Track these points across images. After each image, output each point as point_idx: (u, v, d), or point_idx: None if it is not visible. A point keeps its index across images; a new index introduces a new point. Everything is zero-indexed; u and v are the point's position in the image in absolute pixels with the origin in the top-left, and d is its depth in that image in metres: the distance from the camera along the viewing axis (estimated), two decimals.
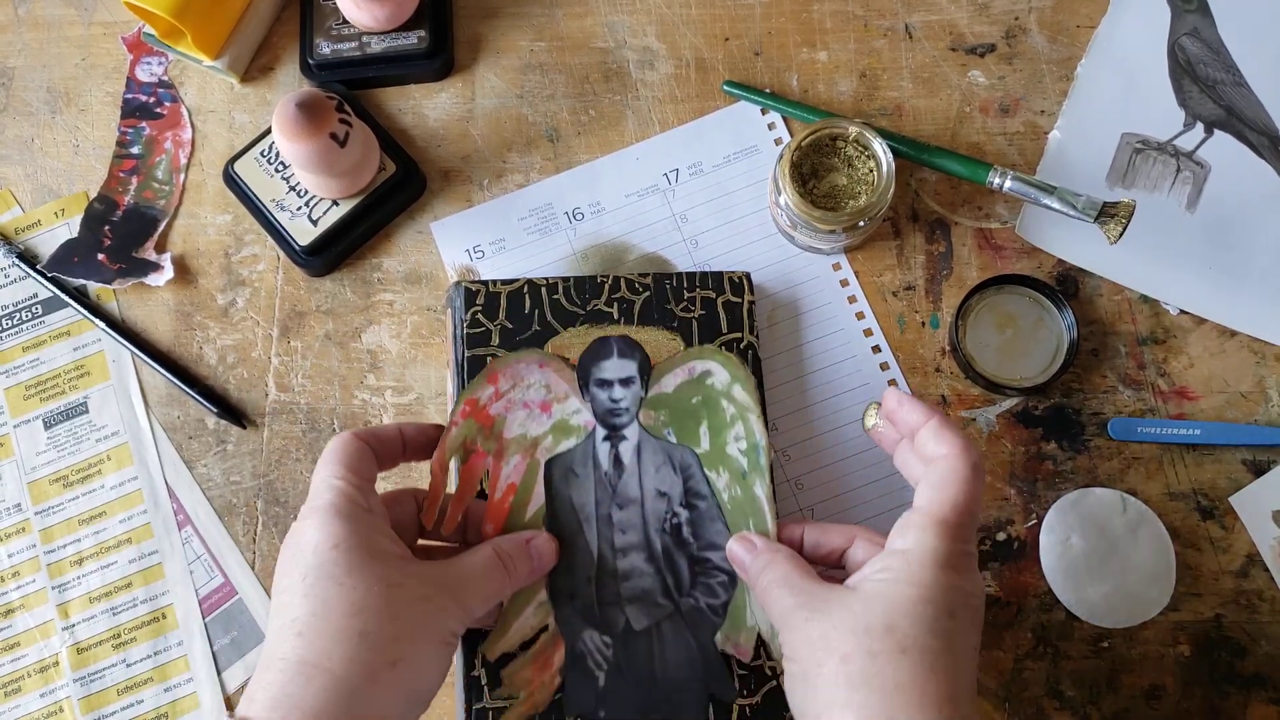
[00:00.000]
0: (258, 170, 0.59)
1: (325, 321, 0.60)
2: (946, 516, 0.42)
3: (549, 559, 0.49)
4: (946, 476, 0.43)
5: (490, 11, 0.64)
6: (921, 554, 0.42)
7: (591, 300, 0.56)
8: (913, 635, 0.40)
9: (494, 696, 0.48)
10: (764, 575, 0.46)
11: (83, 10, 0.65)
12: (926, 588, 0.41)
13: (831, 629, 0.41)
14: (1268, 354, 0.58)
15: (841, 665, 0.40)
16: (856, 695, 0.39)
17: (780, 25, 0.63)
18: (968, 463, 0.43)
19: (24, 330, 0.61)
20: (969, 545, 0.43)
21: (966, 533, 0.43)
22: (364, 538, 0.42)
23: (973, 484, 0.43)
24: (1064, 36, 0.62)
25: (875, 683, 0.39)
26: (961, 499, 0.43)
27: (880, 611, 0.41)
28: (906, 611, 0.40)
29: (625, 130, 0.62)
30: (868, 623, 0.40)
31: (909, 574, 0.41)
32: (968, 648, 0.41)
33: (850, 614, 0.41)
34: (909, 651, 0.40)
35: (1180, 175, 0.60)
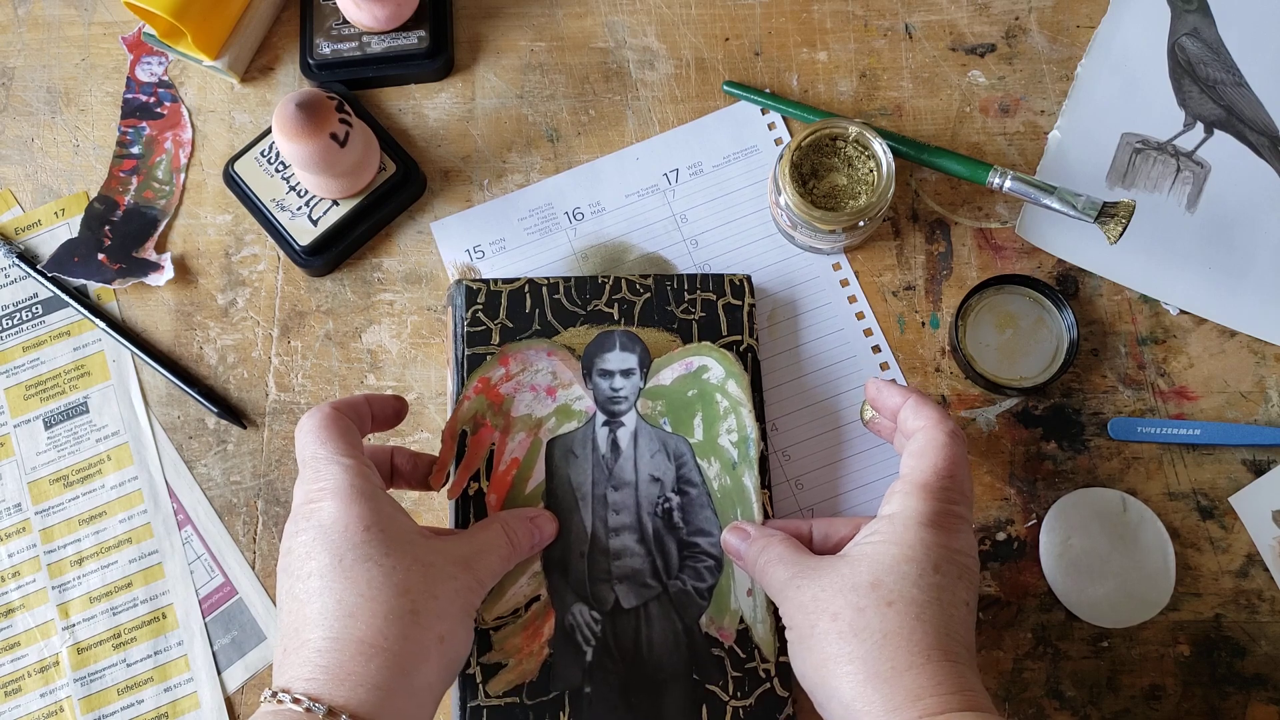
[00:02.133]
0: (258, 170, 0.59)
1: (325, 321, 0.60)
2: (927, 480, 0.45)
3: (550, 535, 0.51)
4: (924, 445, 0.46)
5: (490, 11, 0.64)
6: (905, 516, 0.44)
7: (592, 300, 0.56)
8: (898, 589, 0.42)
9: (482, 661, 0.49)
10: (761, 557, 0.48)
11: (83, 10, 0.65)
12: (910, 546, 0.43)
13: (821, 590, 0.44)
14: (1268, 354, 0.58)
15: (832, 622, 0.42)
16: (847, 647, 0.42)
17: (780, 25, 0.63)
18: (943, 430, 0.46)
19: (24, 330, 0.61)
20: (954, 506, 0.45)
21: (949, 494, 0.45)
22: (389, 517, 0.43)
23: (950, 448, 0.46)
24: (1064, 36, 0.62)
25: (864, 634, 0.42)
26: (941, 463, 0.45)
27: (866, 570, 0.43)
28: (891, 569, 0.43)
29: (625, 130, 0.62)
30: (854, 581, 0.43)
31: (893, 534, 0.44)
32: (957, 601, 0.43)
33: (838, 575, 0.44)
34: (894, 604, 0.42)
35: (1180, 175, 0.60)
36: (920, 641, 0.41)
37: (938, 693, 0.40)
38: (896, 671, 0.41)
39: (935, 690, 0.40)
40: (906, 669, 0.41)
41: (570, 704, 0.49)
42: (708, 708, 0.50)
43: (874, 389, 0.51)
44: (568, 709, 0.49)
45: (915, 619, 0.42)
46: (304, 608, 0.41)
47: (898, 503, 0.45)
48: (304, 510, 0.43)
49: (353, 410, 0.47)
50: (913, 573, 0.43)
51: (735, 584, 0.51)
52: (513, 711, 0.50)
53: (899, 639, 0.41)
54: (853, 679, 0.41)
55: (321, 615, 0.40)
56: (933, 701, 0.40)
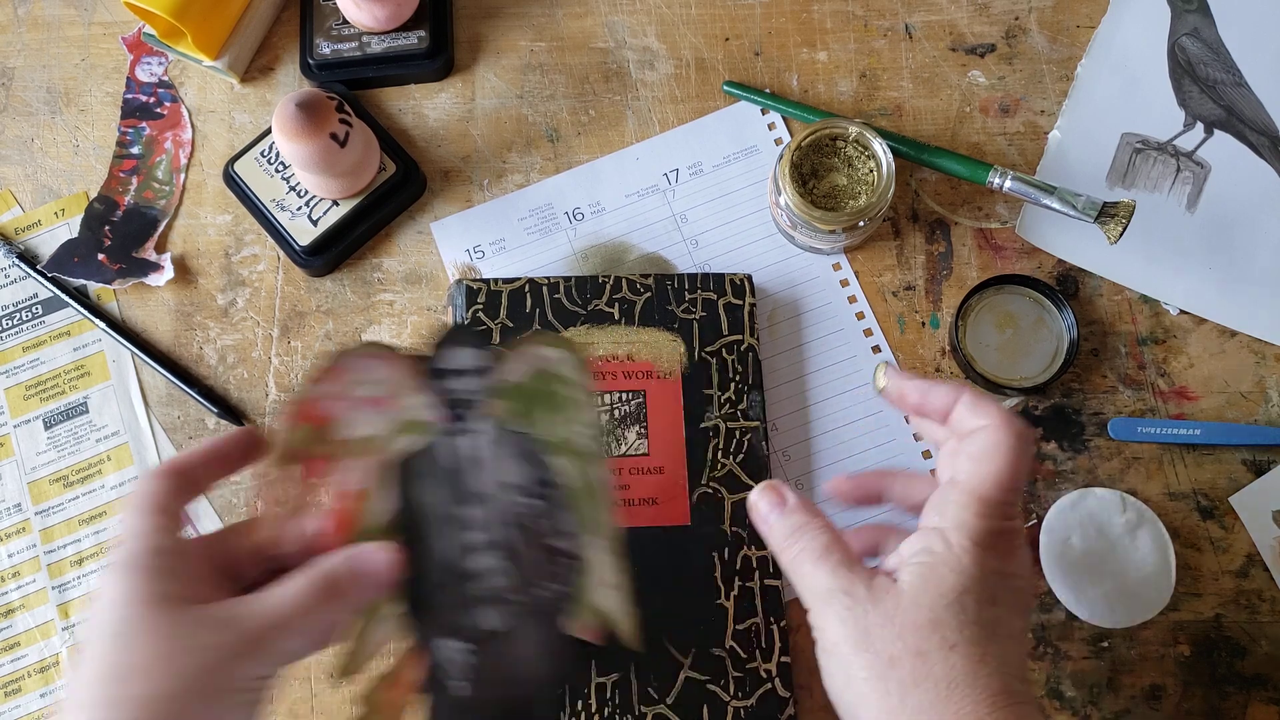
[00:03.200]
0: (258, 170, 0.59)
1: (325, 321, 0.60)
2: (988, 493, 0.39)
3: (386, 572, 0.43)
4: (988, 449, 0.40)
5: (490, 11, 0.64)
6: (960, 535, 0.39)
7: (593, 300, 0.56)
8: (958, 628, 0.38)
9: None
10: (796, 543, 0.42)
11: (83, 10, 0.65)
12: (968, 575, 0.39)
13: (875, 626, 0.39)
14: (1268, 354, 0.58)
15: (890, 669, 0.38)
16: (910, 699, 0.38)
17: (780, 25, 0.63)
18: (1011, 432, 0.40)
19: (24, 330, 0.61)
20: (1013, 522, 0.40)
21: (1010, 510, 0.40)
22: (153, 589, 0.38)
23: (1017, 453, 0.40)
24: (1064, 36, 0.62)
25: (927, 684, 0.38)
26: (1005, 473, 0.39)
27: (926, 606, 0.39)
28: (951, 604, 0.38)
29: (625, 130, 0.62)
30: (914, 620, 0.38)
31: (949, 558, 0.39)
32: (1015, 632, 0.39)
33: (895, 609, 0.39)
34: (957, 647, 0.38)
35: (1180, 175, 0.60)
36: (985, 688, 0.37)
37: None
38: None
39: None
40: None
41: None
42: (708, 708, 0.50)
43: (914, 392, 0.44)
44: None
45: (979, 662, 0.38)
46: (76, 671, 0.39)
47: (952, 515, 0.39)
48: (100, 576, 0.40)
49: (183, 465, 0.42)
50: (972, 607, 0.38)
51: (595, 579, 0.47)
52: None
53: (965, 688, 0.37)
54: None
55: (66, 704, 0.38)
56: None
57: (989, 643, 0.38)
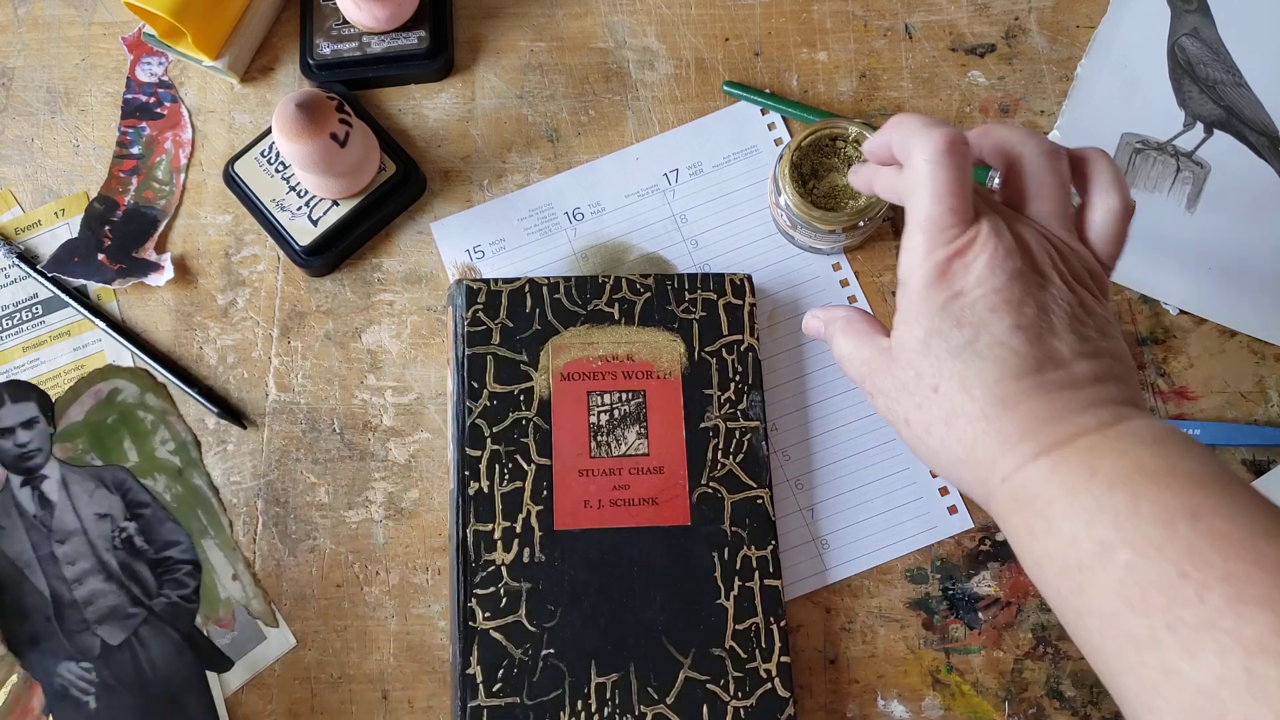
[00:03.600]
0: (258, 170, 0.59)
1: (325, 321, 0.60)
2: (919, 220, 0.40)
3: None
4: (913, 176, 0.40)
5: (490, 11, 0.64)
6: (913, 280, 0.40)
7: (593, 300, 0.56)
8: (935, 372, 0.39)
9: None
10: (832, 331, 0.46)
11: (83, 10, 0.65)
12: (922, 324, 0.40)
13: (884, 389, 0.42)
14: (1268, 354, 0.58)
15: (906, 428, 0.41)
16: (926, 446, 0.40)
17: (780, 25, 0.63)
18: (931, 148, 0.39)
19: (24, 330, 0.61)
20: (963, 236, 0.39)
21: (952, 231, 0.39)
22: None
23: (944, 168, 0.39)
24: (1064, 36, 0.62)
25: (937, 428, 0.40)
26: (926, 193, 0.39)
27: (906, 363, 0.40)
28: (919, 352, 0.40)
29: (625, 130, 0.62)
30: (902, 378, 0.41)
31: (908, 309, 0.40)
32: (999, 334, 0.38)
33: (891, 369, 0.41)
34: (940, 388, 0.39)
35: (1180, 175, 0.60)
36: (984, 398, 0.38)
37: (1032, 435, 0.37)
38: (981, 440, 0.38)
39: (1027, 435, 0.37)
40: (985, 432, 0.38)
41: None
42: (708, 708, 0.50)
43: (874, 158, 0.45)
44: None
45: (964, 388, 0.38)
46: None
47: (904, 261, 0.40)
48: None
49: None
50: (938, 346, 0.39)
51: (218, 576, 0.53)
52: (513, 711, 0.50)
53: (963, 419, 0.38)
54: (954, 454, 0.39)
55: None
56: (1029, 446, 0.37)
57: (972, 363, 0.38)
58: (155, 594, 0.52)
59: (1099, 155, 0.43)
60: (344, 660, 0.55)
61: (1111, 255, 0.43)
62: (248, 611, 0.55)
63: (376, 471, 0.58)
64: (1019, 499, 0.37)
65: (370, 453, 0.58)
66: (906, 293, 0.40)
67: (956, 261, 0.39)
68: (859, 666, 0.55)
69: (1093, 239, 0.42)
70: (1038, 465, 0.37)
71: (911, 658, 0.55)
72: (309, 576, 0.56)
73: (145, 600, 0.52)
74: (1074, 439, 0.36)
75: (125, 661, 0.51)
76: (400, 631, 0.55)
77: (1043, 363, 0.38)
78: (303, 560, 0.57)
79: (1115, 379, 0.38)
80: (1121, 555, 0.33)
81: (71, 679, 0.50)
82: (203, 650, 0.54)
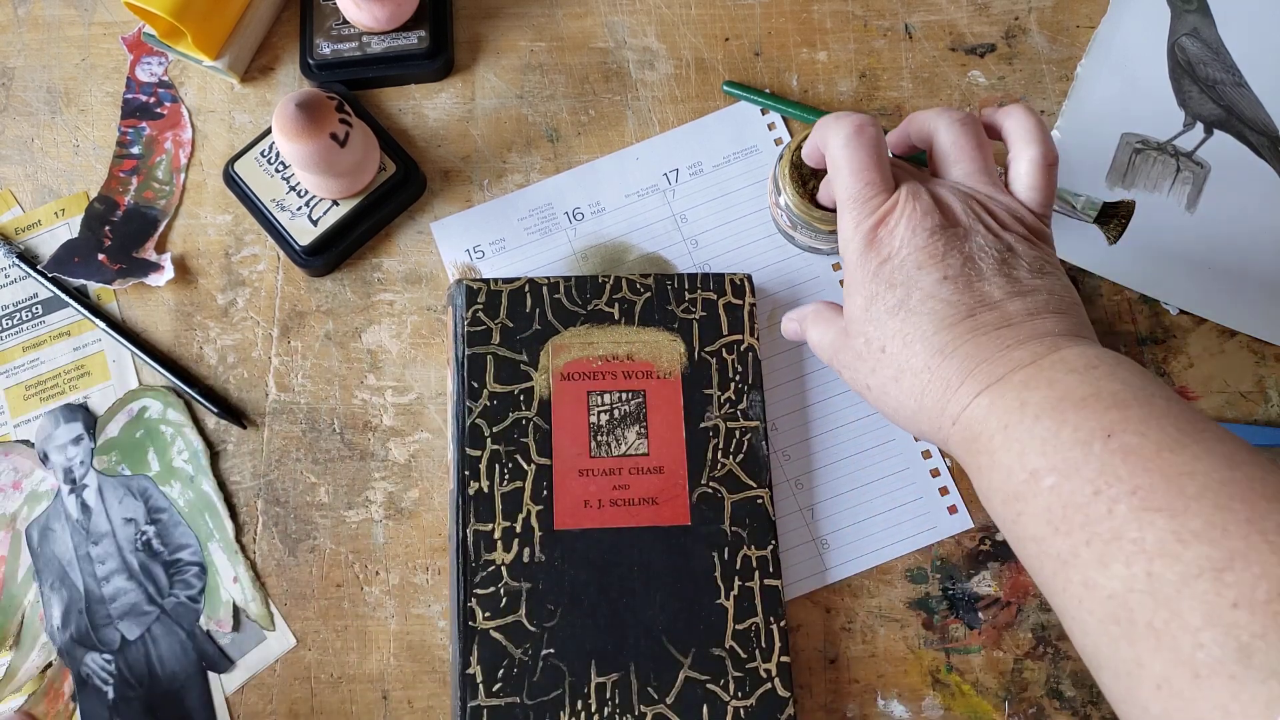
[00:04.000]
0: (258, 170, 0.59)
1: (325, 321, 0.60)
2: (839, 196, 0.44)
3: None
4: (829, 160, 0.45)
5: (490, 11, 0.64)
6: (846, 253, 0.44)
7: (593, 300, 0.56)
8: (880, 337, 0.43)
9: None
10: (807, 322, 0.50)
11: (83, 10, 0.65)
12: (860, 292, 0.43)
13: (847, 361, 0.46)
14: (1267, 354, 0.58)
15: (868, 393, 0.44)
16: (889, 402, 0.44)
17: (780, 25, 0.63)
18: (837, 130, 0.44)
19: (24, 330, 0.61)
20: (882, 206, 0.43)
21: (870, 203, 0.43)
22: None
23: (852, 147, 0.44)
24: (1064, 36, 0.62)
25: (890, 386, 0.43)
26: (847, 169, 0.44)
27: (856, 332, 0.44)
28: (862, 319, 0.43)
29: (625, 130, 0.62)
30: (855, 347, 0.44)
31: (848, 281, 0.44)
32: (928, 286, 0.41)
33: (847, 343, 0.45)
34: (886, 351, 0.42)
35: (1180, 175, 0.60)
36: (928, 351, 0.41)
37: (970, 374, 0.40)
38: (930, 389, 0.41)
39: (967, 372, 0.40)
40: (939, 381, 0.41)
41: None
42: (708, 708, 0.50)
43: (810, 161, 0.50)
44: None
45: (907, 349, 0.41)
46: None
47: (840, 239, 0.45)
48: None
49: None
50: (879, 312, 0.42)
51: (220, 578, 0.56)
52: (513, 711, 0.50)
53: (910, 375, 0.41)
54: (906, 405, 0.43)
55: None
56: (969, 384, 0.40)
57: (907, 319, 0.41)
58: (167, 593, 0.56)
59: (1017, 110, 0.46)
60: (344, 660, 0.55)
61: (1041, 203, 0.45)
62: (247, 614, 0.56)
63: (376, 471, 0.58)
64: (967, 437, 0.40)
65: (370, 453, 0.58)
66: (847, 267, 0.44)
67: (881, 228, 0.42)
68: (859, 666, 0.55)
69: (1020, 190, 0.45)
70: (978, 403, 0.39)
71: (911, 658, 0.55)
72: (309, 576, 0.56)
73: (158, 599, 0.56)
74: (1010, 374, 0.39)
75: (139, 656, 0.55)
76: (400, 631, 0.56)
77: (974, 307, 0.40)
78: (303, 560, 0.57)
79: (1052, 312, 0.40)
80: (1047, 481, 0.36)
81: (95, 668, 0.55)
82: (205, 649, 0.55)
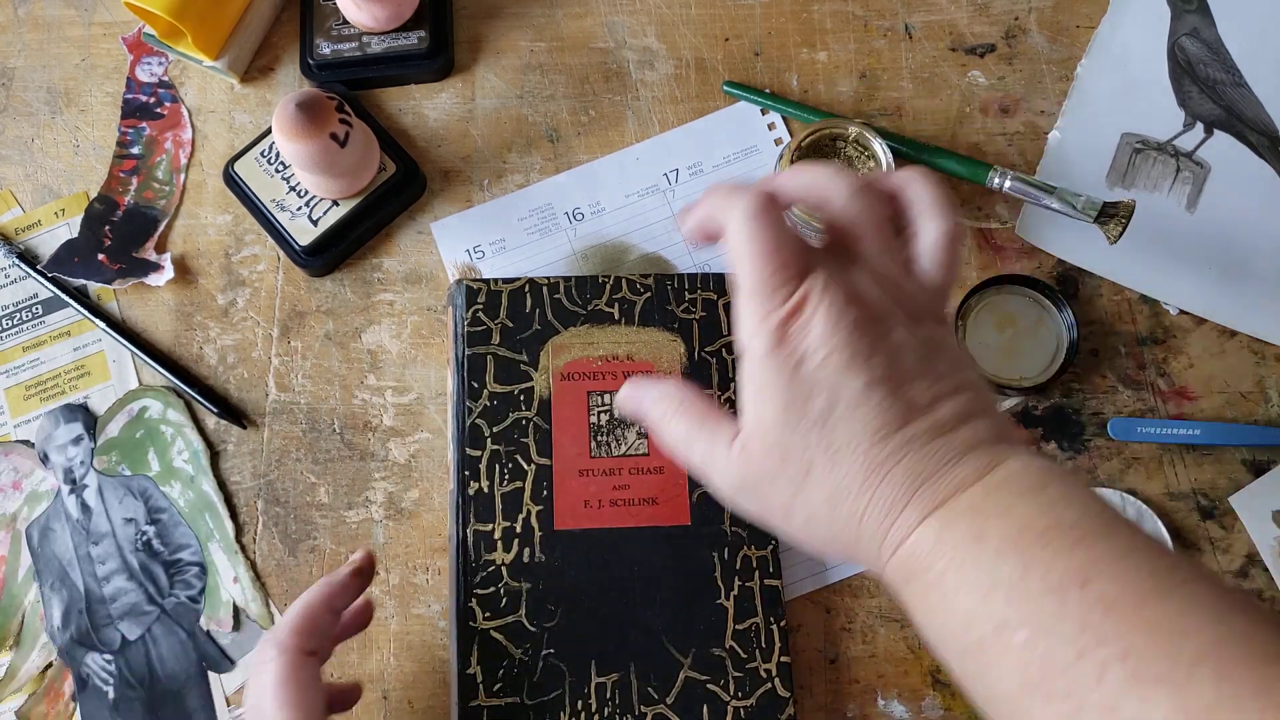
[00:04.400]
0: (258, 170, 0.59)
1: (325, 321, 0.60)
2: (748, 290, 0.37)
3: (363, 575, 0.49)
4: (730, 248, 0.38)
5: (490, 11, 0.64)
6: (752, 350, 0.37)
7: (593, 300, 0.56)
8: (786, 442, 0.36)
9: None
10: (657, 411, 0.41)
11: (83, 10, 0.65)
12: (761, 391, 0.36)
13: (738, 475, 0.38)
14: (1268, 354, 0.58)
15: (780, 517, 0.38)
16: (801, 515, 0.37)
17: (780, 25, 0.63)
18: (737, 217, 0.37)
19: (24, 330, 0.61)
20: (791, 300, 0.36)
21: (777, 294, 0.36)
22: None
23: (752, 235, 0.37)
24: (1064, 36, 0.62)
25: (812, 492, 0.37)
26: (748, 263, 0.37)
27: (750, 434, 0.37)
28: (772, 427, 0.36)
29: (625, 130, 0.62)
30: (747, 452, 0.37)
31: (749, 377, 0.37)
32: (852, 396, 0.35)
33: (731, 455, 0.38)
34: (814, 466, 0.36)
35: (1180, 175, 0.60)
36: (858, 472, 0.35)
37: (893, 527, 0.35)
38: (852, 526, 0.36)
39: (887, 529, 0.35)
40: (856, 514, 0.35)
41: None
42: (708, 708, 0.50)
43: (694, 228, 0.41)
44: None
45: (838, 467, 0.35)
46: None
47: (740, 331, 0.38)
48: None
49: (315, 634, 0.46)
50: (800, 424, 0.36)
51: (220, 578, 0.56)
52: (513, 711, 0.50)
53: (844, 494, 0.36)
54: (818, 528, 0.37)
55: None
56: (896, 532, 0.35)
57: (835, 431, 0.36)
58: (167, 593, 0.56)
59: (915, 179, 0.40)
60: (344, 660, 0.55)
61: (946, 282, 0.40)
62: (247, 614, 0.56)
63: (376, 471, 0.58)
64: (910, 568, 0.35)
65: (370, 453, 0.58)
66: (750, 365, 0.37)
67: (793, 323, 0.36)
68: (859, 666, 0.55)
69: (924, 268, 0.40)
70: (924, 531, 0.35)
71: (911, 658, 0.55)
72: (309, 577, 0.56)
73: (159, 599, 0.56)
74: (955, 495, 0.35)
75: (139, 656, 0.55)
76: (400, 631, 0.55)
77: (906, 415, 0.36)
78: (303, 560, 0.57)
79: (979, 414, 0.36)
80: (1019, 636, 0.32)
81: (95, 669, 0.55)
82: (205, 650, 0.55)
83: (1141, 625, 0.30)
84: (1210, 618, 0.30)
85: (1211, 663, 0.29)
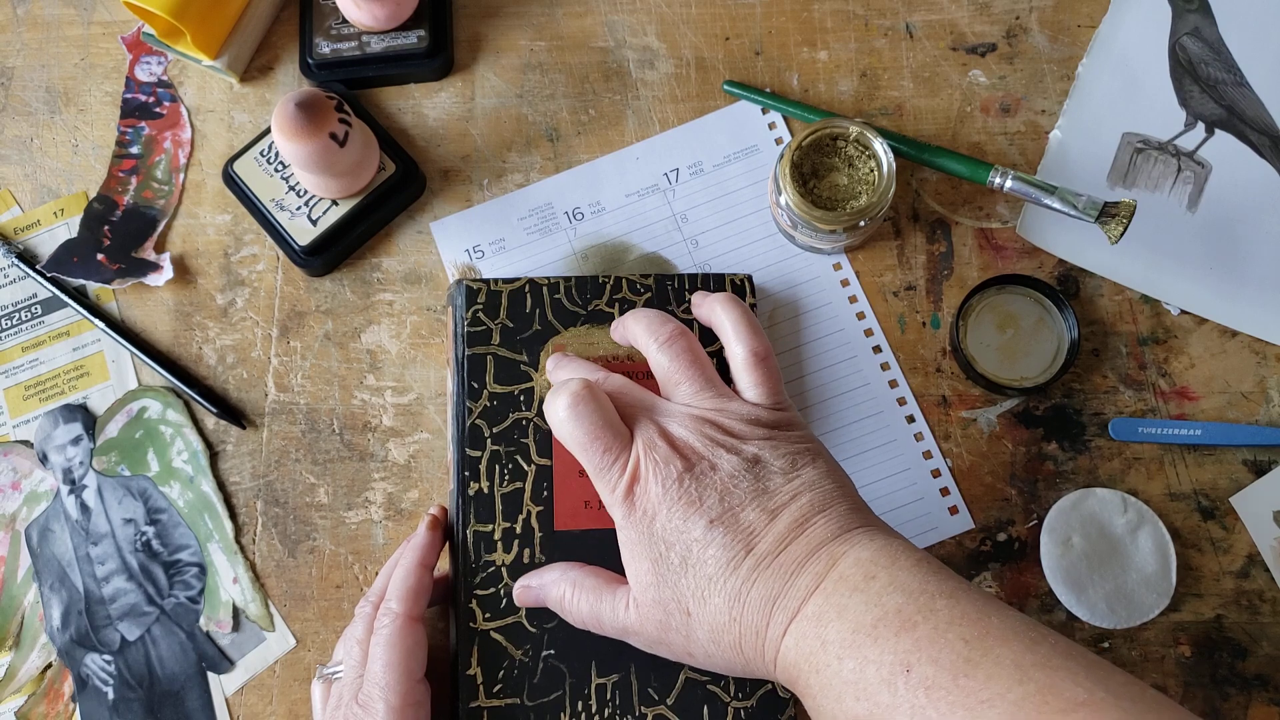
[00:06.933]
0: (257, 170, 0.59)
1: (325, 321, 0.60)
2: (581, 458, 0.43)
3: (435, 542, 0.51)
4: (551, 424, 0.44)
5: (490, 11, 0.64)
6: (613, 513, 0.43)
7: (593, 300, 0.56)
8: (662, 592, 0.41)
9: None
10: (560, 589, 0.46)
11: (82, 10, 0.65)
12: (626, 545, 0.42)
13: (632, 626, 0.43)
14: (1268, 354, 0.58)
15: (680, 658, 0.42)
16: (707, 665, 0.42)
17: (780, 25, 0.63)
18: (553, 403, 0.43)
19: (23, 330, 0.61)
20: (617, 464, 0.42)
21: (604, 457, 0.42)
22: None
23: (566, 414, 0.42)
24: (1065, 36, 0.62)
25: (698, 633, 0.41)
26: (569, 438, 0.43)
27: (649, 601, 0.42)
28: (643, 576, 0.41)
29: (625, 130, 0.62)
30: (652, 614, 0.42)
31: (624, 546, 0.43)
32: (696, 545, 0.40)
33: (635, 610, 0.43)
34: (692, 612, 0.40)
35: (1181, 175, 0.60)
36: (725, 607, 0.39)
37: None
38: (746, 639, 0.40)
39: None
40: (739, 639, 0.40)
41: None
42: (708, 708, 0.50)
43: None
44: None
45: (708, 606, 0.40)
46: None
47: (603, 500, 0.43)
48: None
49: (422, 597, 0.48)
50: (669, 574, 0.40)
51: (220, 578, 0.56)
52: (513, 712, 0.50)
53: (707, 632, 0.40)
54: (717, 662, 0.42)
55: None
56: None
57: (695, 574, 0.40)
58: (167, 594, 0.56)
59: (720, 303, 0.46)
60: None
61: (769, 396, 0.44)
62: (247, 615, 0.56)
63: (376, 472, 0.58)
64: (790, 679, 0.39)
65: (370, 453, 0.58)
66: (618, 530, 0.42)
67: (636, 489, 0.41)
68: None
69: (743, 389, 0.45)
70: (786, 646, 0.38)
71: None
72: (308, 577, 0.56)
73: (158, 600, 0.56)
74: (802, 607, 0.38)
75: (139, 657, 0.55)
76: None
77: (749, 540, 0.39)
78: (302, 561, 0.56)
79: (818, 513, 0.40)
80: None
81: (95, 669, 0.55)
82: (205, 650, 0.55)
83: (957, 701, 0.34)
84: (1014, 678, 0.34)
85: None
